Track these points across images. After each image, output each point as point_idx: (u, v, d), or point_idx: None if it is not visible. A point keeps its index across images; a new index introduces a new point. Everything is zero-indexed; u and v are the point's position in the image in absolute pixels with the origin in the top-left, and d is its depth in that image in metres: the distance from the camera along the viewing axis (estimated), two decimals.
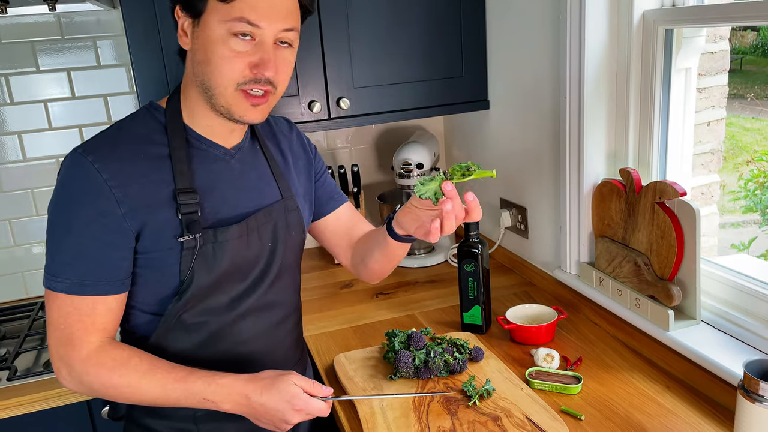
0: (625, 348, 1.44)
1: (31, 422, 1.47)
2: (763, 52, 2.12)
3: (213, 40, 1.00)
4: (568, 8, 1.46)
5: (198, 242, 1.05)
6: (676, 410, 1.20)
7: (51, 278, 1.02)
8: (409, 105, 1.88)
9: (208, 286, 1.09)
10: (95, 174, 0.99)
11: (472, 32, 1.88)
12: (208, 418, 1.15)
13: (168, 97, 1.11)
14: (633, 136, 1.49)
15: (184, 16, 1.03)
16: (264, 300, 1.17)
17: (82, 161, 1.00)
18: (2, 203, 1.93)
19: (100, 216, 1.00)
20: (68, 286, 1.00)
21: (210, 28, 1.00)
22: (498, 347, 1.48)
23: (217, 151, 1.12)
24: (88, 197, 1.00)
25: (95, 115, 1.96)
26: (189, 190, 1.05)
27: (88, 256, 1.01)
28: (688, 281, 1.31)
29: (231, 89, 1.02)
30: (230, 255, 1.09)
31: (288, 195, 1.20)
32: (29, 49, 1.86)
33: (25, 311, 1.91)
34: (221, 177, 1.11)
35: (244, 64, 1.01)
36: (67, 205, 1.01)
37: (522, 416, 1.17)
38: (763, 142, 2.31)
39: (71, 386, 1.05)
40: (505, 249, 2.01)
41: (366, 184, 2.34)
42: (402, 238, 1.16)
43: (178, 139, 1.07)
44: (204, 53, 1.01)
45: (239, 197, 1.13)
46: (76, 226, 1.00)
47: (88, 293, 1.01)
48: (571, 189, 1.57)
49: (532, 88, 1.72)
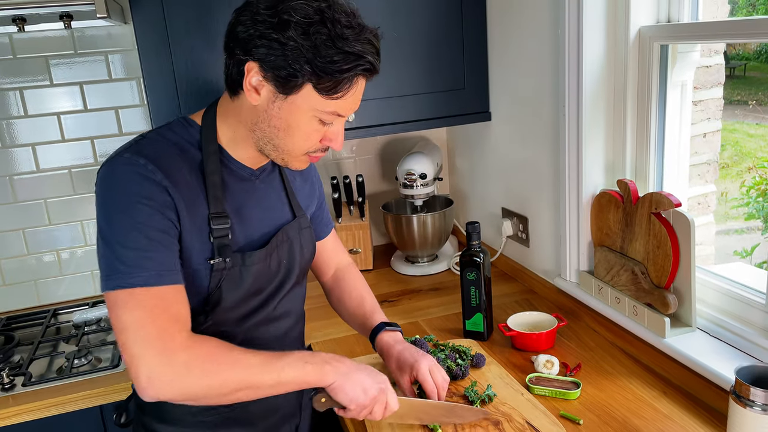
0: (623, 354, 1.47)
1: (45, 427, 1.51)
2: (766, 59, 2.15)
3: (297, 117, 1.03)
4: (566, 24, 1.51)
5: (227, 265, 1.09)
6: (672, 415, 1.23)
7: (123, 276, 0.98)
8: (412, 117, 1.92)
9: (232, 304, 1.13)
10: (150, 173, 1.01)
11: (474, 46, 1.93)
12: (220, 425, 1.18)
13: (203, 115, 1.13)
14: (630, 147, 1.53)
15: (265, 82, 1.01)
16: (276, 312, 1.21)
17: (134, 162, 1.01)
18: (16, 213, 1.98)
19: (162, 208, 1.01)
20: (146, 278, 0.98)
21: (298, 108, 1.03)
22: (499, 354, 1.52)
23: (244, 172, 1.15)
24: (147, 192, 1.00)
25: (107, 128, 2.01)
26: (222, 215, 1.08)
27: (159, 248, 1.01)
28: (684, 289, 1.35)
29: (300, 155, 1.09)
30: (254, 276, 1.14)
31: (300, 214, 1.25)
32: (43, 63, 1.91)
33: (38, 319, 1.95)
34: (247, 197, 1.15)
35: (319, 138, 1.07)
36: (128, 203, 1.00)
37: (522, 420, 1.21)
38: (766, 148, 2.33)
39: (166, 389, 0.96)
40: (506, 257, 2.05)
41: (370, 194, 2.39)
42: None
43: (214, 162, 1.09)
44: (283, 123, 1.04)
45: (262, 217, 1.17)
46: (141, 221, 0.99)
47: (167, 282, 1.00)
48: (571, 199, 1.61)
49: (533, 100, 1.76)
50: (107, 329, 1.85)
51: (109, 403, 1.55)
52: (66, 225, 2.03)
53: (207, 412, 1.17)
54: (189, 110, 1.68)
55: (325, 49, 0.97)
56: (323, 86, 1.00)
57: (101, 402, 1.54)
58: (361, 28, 1.00)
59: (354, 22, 0.99)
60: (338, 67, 0.98)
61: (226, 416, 1.18)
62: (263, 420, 1.23)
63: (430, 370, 1.22)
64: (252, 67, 1.00)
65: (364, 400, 1.09)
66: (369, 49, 1.00)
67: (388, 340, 1.29)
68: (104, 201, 1.02)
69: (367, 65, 1.01)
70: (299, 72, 0.98)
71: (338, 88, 1.01)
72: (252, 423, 1.21)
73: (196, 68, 1.68)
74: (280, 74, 0.99)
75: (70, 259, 2.06)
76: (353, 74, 1.01)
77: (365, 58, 1.00)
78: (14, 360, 1.71)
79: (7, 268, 2.01)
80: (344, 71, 0.99)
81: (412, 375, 1.23)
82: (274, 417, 1.25)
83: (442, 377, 1.22)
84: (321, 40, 0.96)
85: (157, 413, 1.18)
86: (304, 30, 0.96)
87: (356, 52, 0.98)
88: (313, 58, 0.97)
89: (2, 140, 1.93)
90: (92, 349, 1.72)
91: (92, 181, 2.06)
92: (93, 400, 1.53)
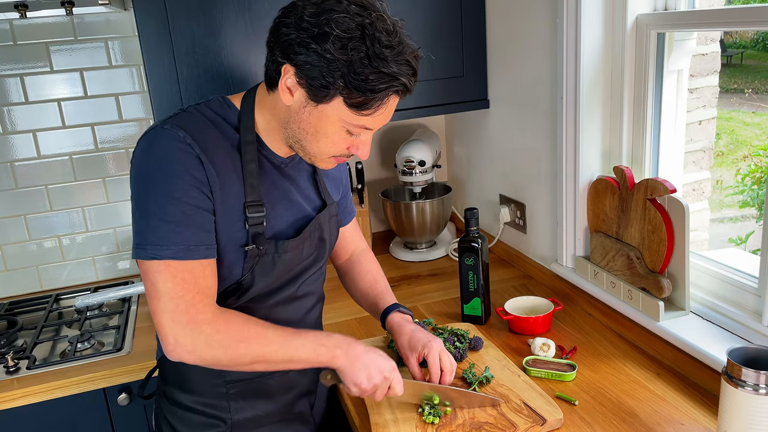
0: (617, 337, 1.50)
1: (50, 409, 1.54)
2: (763, 47, 2.16)
3: (326, 125, 1.05)
4: (564, 12, 1.52)
5: (261, 252, 1.12)
6: (665, 396, 1.26)
7: (156, 248, 1.02)
8: (411, 104, 1.93)
9: (262, 289, 1.16)
10: (189, 146, 1.03)
11: (473, 34, 1.94)
12: (240, 396, 1.22)
13: (243, 99, 1.13)
14: (627, 134, 1.55)
15: (299, 87, 1.02)
16: (299, 292, 1.24)
17: (174, 134, 1.03)
18: (17, 199, 1.99)
19: (198, 183, 1.03)
20: (176, 251, 1.02)
21: (327, 117, 1.04)
22: (497, 337, 1.54)
23: (276, 159, 1.17)
24: (185, 166, 1.02)
25: (107, 114, 2.01)
26: (258, 203, 1.11)
27: (193, 222, 1.03)
28: (678, 274, 1.37)
29: (325, 157, 1.11)
30: (286, 263, 1.17)
31: (330, 201, 1.27)
32: (43, 50, 1.92)
33: (40, 303, 1.97)
34: (278, 184, 1.17)
35: (345, 146, 1.09)
36: (163, 175, 1.02)
37: (519, 401, 1.23)
38: (762, 136, 2.35)
39: (191, 354, 1.04)
40: (504, 243, 2.07)
41: (369, 181, 2.40)
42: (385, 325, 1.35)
43: (252, 152, 1.11)
44: (312, 128, 1.06)
45: (292, 204, 1.19)
46: (178, 193, 1.01)
47: (197, 257, 1.04)
48: (568, 186, 1.63)
49: (531, 88, 1.78)
50: (109, 314, 1.88)
51: (113, 386, 1.57)
52: (67, 211, 2.05)
53: (227, 384, 1.20)
54: (189, 96, 1.70)
55: (361, 67, 0.97)
56: (354, 102, 1.01)
57: (104, 385, 1.56)
58: (401, 48, 0.99)
59: (395, 41, 0.98)
60: (371, 86, 0.99)
61: (246, 388, 1.22)
62: (281, 394, 1.27)
63: (440, 353, 1.25)
64: (288, 69, 1.01)
65: (367, 385, 1.13)
66: (405, 70, 1.00)
67: (400, 320, 1.32)
68: (142, 171, 1.04)
69: (401, 87, 1.01)
70: (332, 85, 0.99)
71: (369, 105, 1.02)
72: (270, 396, 1.25)
73: (196, 54, 1.68)
74: (314, 83, 1.00)
75: (71, 245, 2.07)
76: (385, 94, 1.01)
77: (399, 81, 1.00)
78: (18, 344, 1.73)
79: (9, 254, 2.02)
80: (377, 90, 1.00)
81: (421, 355, 1.26)
82: (293, 392, 1.29)
83: (450, 362, 1.25)
84: (358, 58, 0.97)
85: (179, 383, 1.22)
86: (343, 45, 0.96)
87: (392, 74, 0.98)
88: (348, 73, 0.97)
89: (3, 126, 1.93)
90: (95, 333, 1.74)
91: (93, 167, 2.10)
92: (96, 383, 1.55)
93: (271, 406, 1.24)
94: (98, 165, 2.04)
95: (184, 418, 1.21)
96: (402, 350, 1.29)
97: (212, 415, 1.21)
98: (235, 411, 1.21)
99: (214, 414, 1.21)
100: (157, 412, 1.29)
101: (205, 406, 1.21)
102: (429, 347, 1.25)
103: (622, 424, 1.19)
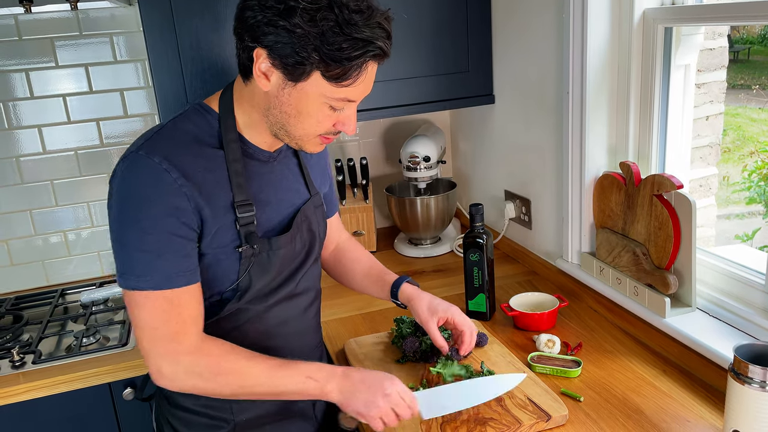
0: (623, 334, 1.49)
1: (55, 403, 1.54)
2: None
3: (307, 104, 1.02)
4: (571, 6, 1.51)
5: (255, 251, 1.11)
6: (671, 393, 1.26)
7: (135, 278, 1.02)
8: (416, 99, 1.92)
9: (261, 288, 1.16)
10: (163, 173, 1.01)
11: (478, 29, 1.93)
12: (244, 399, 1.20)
13: (220, 100, 1.11)
14: (633, 130, 1.54)
15: (274, 69, 1.00)
16: (297, 289, 1.23)
17: (147, 162, 1.01)
18: (23, 194, 2.00)
19: (174, 211, 1.01)
20: (156, 282, 1.02)
21: (308, 95, 1.01)
22: (502, 333, 1.54)
23: (261, 155, 1.15)
24: (160, 195, 1.01)
25: (112, 109, 2.02)
26: (246, 203, 1.09)
27: (170, 251, 1.02)
28: (685, 270, 1.37)
29: (312, 138, 1.08)
30: (281, 259, 1.16)
31: (314, 191, 1.26)
32: (48, 45, 1.92)
33: (46, 298, 1.98)
34: (266, 180, 1.15)
35: (331, 123, 1.07)
36: (139, 205, 1.01)
37: (524, 397, 1.23)
38: None
39: (173, 383, 1.06)
40: (509, 239, 2.07)
41: (374, 177, 2.40)
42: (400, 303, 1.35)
43: (234, 150, 1.09)
44: (293, 109, 1.03)
45: (281, 199, 1.18)
46: (152, 224, 1.00)
47: (178, 285, 1.03)
48: (573, 181, 1.62)
49: (536, 83, 1.77)
50: (115, 309, 1.88)
51: (118, 380, 1.58)
52: (72, 206, 2.05)
53: None
54: (194, 91, 1.70)
55: (333, 36, 0.95)
56: (332, 74, 0.98)
57: (110, 379, 1.57)
58: (370, 12, 0.97)
59: (363, 6, 0.96)
60: (346, 54, 0.96)
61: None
62: None
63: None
64: (260, 53, 0.99)
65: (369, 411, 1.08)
66: (379, 33, 0.98)
67: (413, 291, 1.33)
68: (119, 200, 1.03)
69: (377, 51, 0.99)
70: (307, 60, 0.97)
71: (347, 75, 0.99)
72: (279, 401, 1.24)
73: (201, 49, 1.68)
74: (288, 62, 0.98)
75: (76, 240, 2.08)
76: (363, 60, 0.99)
77: (374, 44, 0.98)
78: (23, 338, 1.73)
79: (15, 249, 2.03)
80: (353, 58, 0.97)
81: (442, 319, 1.29)
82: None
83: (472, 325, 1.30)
84: (328, 27, 0.94)
85: None
86: (311, 16, 0.94)
87: (365, 38, 0.96)
88: (321, 45, 0.95)
89: (8, 122, 1.94)
90: (100, 328, 1.75)
91: (98, 162, 2.10)
92: (102, 377, 1.56)
93: (274, 404, 1.22)
94: (103, 160, 2.04)
95: (187, 420, 1.20)
96: (421, 315, 1.29)
97: (215, 417, 1.20)
98: (238, 411, 1.20)
99: (217, 415, 1.20)
100: (158, 414, 1.29)
101: (207, 408, 1.19)
102: (452, 311, 1.29)
103: (627, 420, 1.18)
